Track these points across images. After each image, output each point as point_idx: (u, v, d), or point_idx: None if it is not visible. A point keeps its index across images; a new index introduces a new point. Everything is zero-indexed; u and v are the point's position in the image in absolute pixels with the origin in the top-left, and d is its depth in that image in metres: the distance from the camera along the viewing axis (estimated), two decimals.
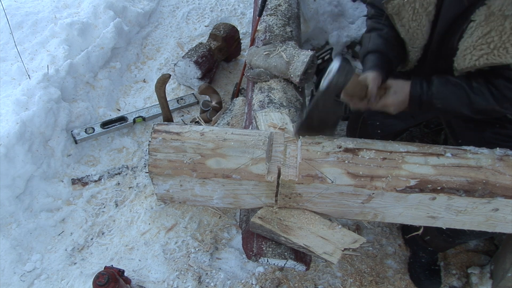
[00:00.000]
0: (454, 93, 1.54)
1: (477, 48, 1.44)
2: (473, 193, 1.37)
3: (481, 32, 1.41)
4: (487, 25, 1.39)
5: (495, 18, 1.37)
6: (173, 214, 2.34)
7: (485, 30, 1.40)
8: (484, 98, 1.49)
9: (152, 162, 1.47)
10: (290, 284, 2.11)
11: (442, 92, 1.55)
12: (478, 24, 1.42)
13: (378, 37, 1.75)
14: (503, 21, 1.36)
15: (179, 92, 3.07)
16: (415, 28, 1.63)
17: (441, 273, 2.21)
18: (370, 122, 2.05)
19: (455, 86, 1.54)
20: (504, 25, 1.35)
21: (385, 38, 1.74)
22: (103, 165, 2.59)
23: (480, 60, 1.44)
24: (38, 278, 2.10)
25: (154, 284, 2.08)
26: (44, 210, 2.32)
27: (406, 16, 1.61)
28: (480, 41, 1.42)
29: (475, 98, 1.51)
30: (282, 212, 1.51)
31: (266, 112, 1.80)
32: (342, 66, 1.38)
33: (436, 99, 1.56)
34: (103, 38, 3.00)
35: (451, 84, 1.55)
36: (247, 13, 3.69)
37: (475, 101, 1.51)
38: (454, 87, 1.54)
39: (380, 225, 2.39)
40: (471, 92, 1.51)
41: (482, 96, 1.49)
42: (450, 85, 1.55)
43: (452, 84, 1.55)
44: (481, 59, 1.44)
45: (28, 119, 2.38)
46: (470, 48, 1.46)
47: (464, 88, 1.52)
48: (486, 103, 1.50)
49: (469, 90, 1.51)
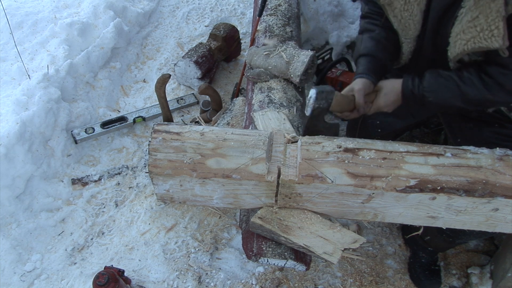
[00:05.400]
0: (445, 86, 1.55)
1: (466, 32, 1.44)
2: (473, 193, 1.37)
3: (470, 16, 1.42)
4: (476, 9, 1.40)
5: (484, 2, 1.38)
6: (173, 214, 2.34)
7: (474, 14, 1.41)
8: (475, 87, 1.49)
9: (152, 162, 1.47)
10: (290, 284, 2.11)
11: (433, 85, 1.56)
12: (468, 9, 1.43)
13: (370, 40, 1.77)
14: (491, 3, 1.36)
15: (179, 92, 3.07)
16: (407, 18, 1.64)
17: (441, 273, 2.21)
18: (370, 122, 2.05)
19: (446, 78, 1.55)
20: (490, 7, 1.35)
21: (376, 40, 1.76)
22: (103, 165, 2.59)
23: (468, 44, 1.44)
24: (38, 278, 2.10)
25: (154, 284, 2.08)
26: (44, 210, 2.32)
27: (398, 6, 1.63)
28: (468, 25, 1.43)
29: (466, 88, 1.51)
30: (282, 212, 1.51)
31: (264, 112, 1.79)
32: (318, 94, 1.50)
33: (428, 92, 1.57)
34: (103, 38, 3.00)
35: (441, 77, 1.56)
36: (247, 13, 3.69)
37: (466, 92, 1.51)
38: (445, 80, 1.56)
39: (380, 225, 2.39)
40: (461, 83, 1.52)
41: (472, 86, 1.49)
42: (440, 78, 1.56)
43: (443, 76, 1.56)
44: (469, 43, 1.44)
45: (28, 119, 2.38)
46: (460, 34, 1.46)
47: (454, 80, 1.53)
48: (477, 93, 1.49)
49: (459, 81, 1.52)
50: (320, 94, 1.51)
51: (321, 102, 1.53)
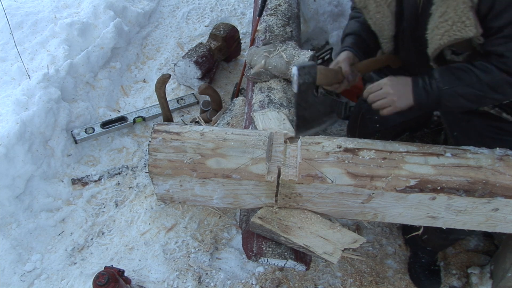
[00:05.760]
0: (458, 74, 1.50)
1: (439, 27, 1.46)
2: (473, 193, 1.37)
3: (440, 12, 1.45)
4: (443, 4, 1.43)
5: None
6: (173, 214, 2.34)
7: (443, 9, 1.43)
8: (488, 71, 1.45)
9: (152, 162, 1.47)
10: (290, 284, 2.11)
11: (445, 75, 1.51)
12: (437, 5, 1.45)
13: (355, 23, 1.86)
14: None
15: (179, 92, 3.07)
16: (380, 19, 1.69)
17: (441, 273, 2.21)
18: (368, 117, 2.05)
19: (457, 67, 1.51)
20: (457, 1, 1.38)
21: (361, 22, 1.83)
22: (103, 165, 2.59)
23: (443, 38, 1.46)
24: (38, 278, 2.10)
25: (154, 284, 2.08)
26: (44, 210, 2.32)
27: (371, 9, 1.68)
28: (440, 20, 1.45)
29: (480, 73, 1.46)
30: (282, 212, 1.51)
31: (264, 112, 1.80)
32: (300, 70, 1.51)
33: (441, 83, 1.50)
34: (103, 38, 3.00)
35: (452, 68, 1.52)
36: (247, 13, 3.69)
37: (481, 77, 1.45)
38: (456, 69, 1.51)
39: (380, 225, 2.39)
40: (475, 69, 1.47)
41: (486, 70, 1.45)
42: (452, 69, 1.52)
43: (454, 67, 1.52)
44: (444, 37, 1.46)
45: (28, 119, 2.38)
46: (435, 30, 1.49)
47: (466, 66, 1.49)
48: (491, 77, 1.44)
49: (472, 67, 1.48)
50: (302, 70, 1.52)
51: (305, 78, 1.53)
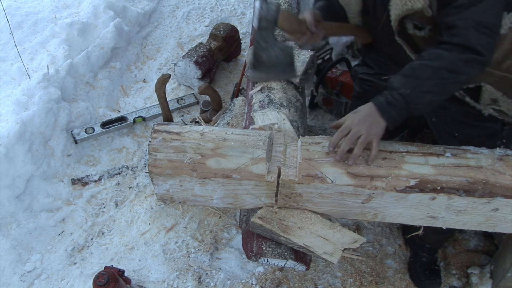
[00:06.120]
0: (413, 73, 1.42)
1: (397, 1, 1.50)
2: (473, 193, 1.38)
3: None
4: None
5: None
6: (173, 214, 2.34)
7: None
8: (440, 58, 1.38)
9: (152, 162, 1.47)
10: (290, 284, 2.11)
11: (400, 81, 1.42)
12: None
13: None
14: None
15: (179, 92, 3.07)
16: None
17: (441, 273, 2.21)
18: None
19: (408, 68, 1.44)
20: None
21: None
22: (103, 165, 2.59)
23: (397, 8, 1.50)
24: (38, 278, 2.10)
25: (154, 284, 2.08)
26: (44, 210, 2.32)
27: None
28: None
29: (434, 63, 1.39)
30: (282, 212, 1.51)
31: (264, 112, 1.80)
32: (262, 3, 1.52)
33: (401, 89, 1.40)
34: (103, 38, 3.00)
35: (404, 71, 1.44)
36: (247, 13, 3.69)
37: (436, 66, 1.38)
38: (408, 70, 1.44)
39: (380, 225, 2.39)
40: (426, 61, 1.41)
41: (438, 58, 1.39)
42: (405, 71, 1.44)
43: (406, 69, 1.44)
44: (398, 8, 1.49)
45: (28, 119, 2.38)
46: (394, 4, 1.52)
47: (416, 63, 1.44)
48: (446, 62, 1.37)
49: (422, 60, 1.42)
50: (263, 3, 1.52)
51: (267, 13, 1.53)
